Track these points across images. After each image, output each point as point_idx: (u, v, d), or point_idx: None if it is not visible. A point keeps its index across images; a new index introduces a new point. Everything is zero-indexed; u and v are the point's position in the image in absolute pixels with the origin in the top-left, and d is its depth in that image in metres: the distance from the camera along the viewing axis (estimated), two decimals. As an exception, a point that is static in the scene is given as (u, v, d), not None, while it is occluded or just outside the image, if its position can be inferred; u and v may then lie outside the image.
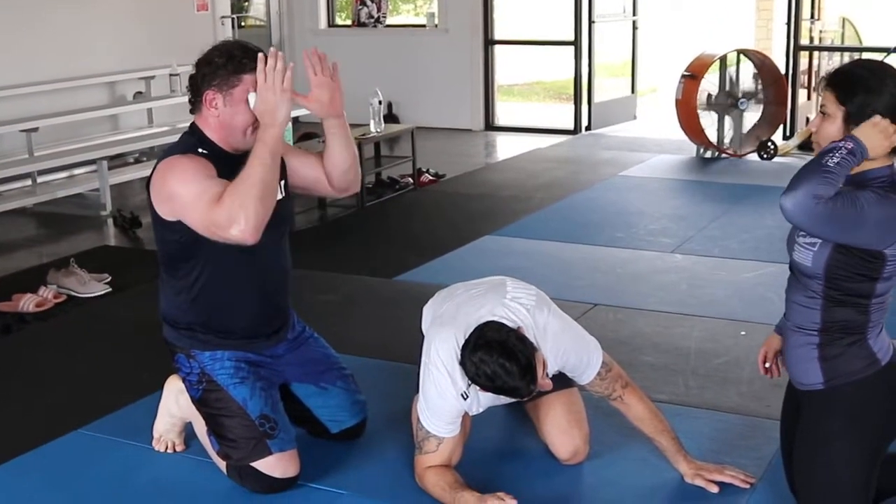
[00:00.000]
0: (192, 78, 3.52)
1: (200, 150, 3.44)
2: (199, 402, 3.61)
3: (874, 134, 2.84)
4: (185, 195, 3.33)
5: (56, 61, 9.46)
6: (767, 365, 3.35)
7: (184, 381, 3.65)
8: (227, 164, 3.42)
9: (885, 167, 2.93)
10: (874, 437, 3.00)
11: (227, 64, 3.42)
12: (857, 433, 2.97)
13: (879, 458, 3.02)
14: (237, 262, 3.49)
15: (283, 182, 3.59)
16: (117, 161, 9.21)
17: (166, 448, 3.87)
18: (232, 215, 3.23)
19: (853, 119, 2.89)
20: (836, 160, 2.80)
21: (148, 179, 3.49)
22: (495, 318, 3.27)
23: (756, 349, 4.67)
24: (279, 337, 3.73)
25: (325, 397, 3.81)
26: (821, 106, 2.99)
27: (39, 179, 8.63)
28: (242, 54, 3.45)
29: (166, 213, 3.42)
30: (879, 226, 2.83)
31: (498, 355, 3.13)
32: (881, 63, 3.05)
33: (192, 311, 3.58)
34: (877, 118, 2.84)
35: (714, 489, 3.46)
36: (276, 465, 3.51)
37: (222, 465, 3.62)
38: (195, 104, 3.50)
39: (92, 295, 5.87)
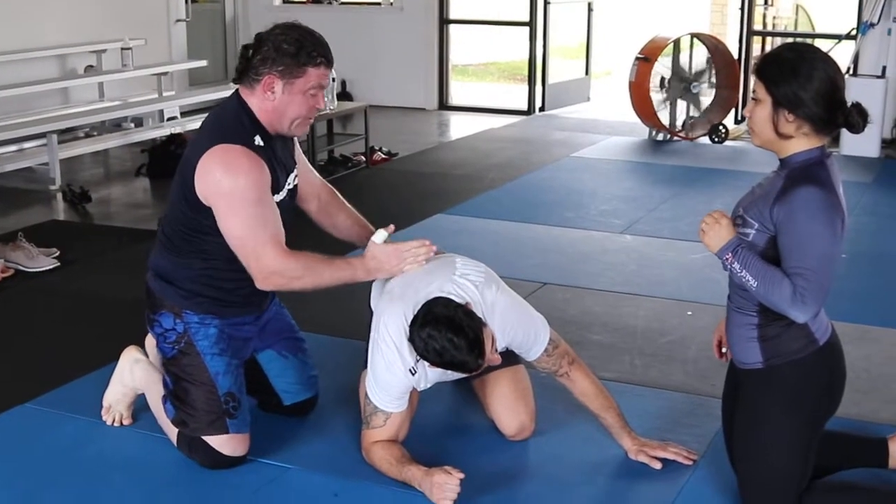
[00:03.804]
0: (252, 53, 3.44)
1: (257, 139, 3.41)
2: (170, 362, 3.58)
3: (720, 230, 2.98)
4: (244, 210, 3.32)
5: (5, 33, 9.35)
6: (724, 350, 3.37)
7: (159, 336, 3.59)
8: (271, 149, 3.45)
9: (814, 149, 2.98)
10: (811, 416, 3.05)
11: (297, 54, 3.39)
12: (794, 412, 3.03)
13: (817, 436, 3.08)
14: None
15: (294, 176, 3.64)
16: (68, 135, 9.12)
17: (114, 421, 3.86)
18: (278, 275, 3.36)
19: (782, 105, 2.93)
20: (736, 265, 2.94)
21: (191, 151, 3.42)
22: (444, 294, 3.29)
23: (702, 329, 4.80)
24: (265, 305, 3.76)
25: (284, 366, 3.83)
26: (752, 91, 3.04)
27: (-12, 153, 8.53)
28: (313, 46, 3.43)
29: (204, 196, 3.37)
30: (829, 236, 2.88)
31: (446, 330, 3.15)
32: (810, 46, 3.09)
33: (193, 280, 3.54)
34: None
35: (657, 465, 3.51)
36: (227, 443, 3.52)
37: (173, 434, 3.62)
38: (247, 79, 3.45)
39: (40, 269, 5.82)
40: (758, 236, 2.97)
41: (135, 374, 3.80)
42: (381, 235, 3.53)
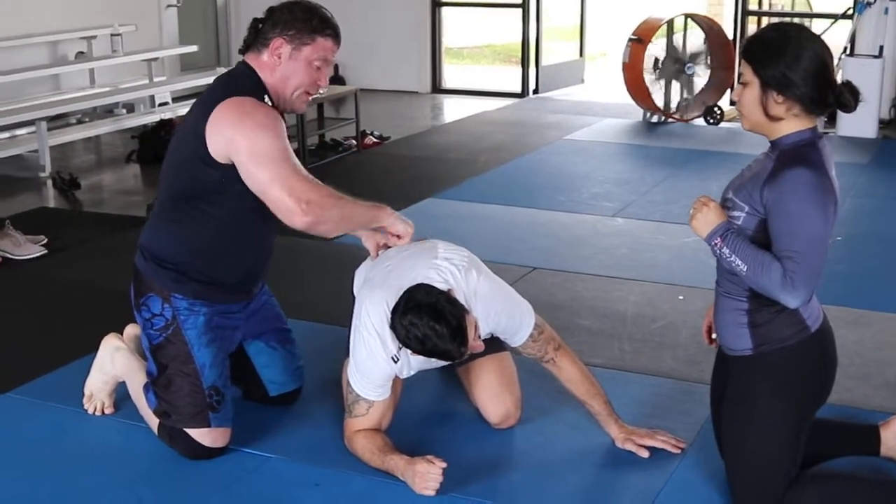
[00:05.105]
0: (261, 21, 3.45)
1: (266, 99, 3.38)
2: (155, 349, 3.51)
3: (709, 214, 2.95)
4: (267, 148, 3.25)
5: (-5, 19, 9.30)
6: (714, 336, 3.31)
7: (145, 322, 3.52)
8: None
9: (805, 130, 2.92)
10: (801, 404, 3.00)
11: (308, 20, 3.39)
12: (783, 399, 2.98)
13: (806, 424, 3.03)
14: (252, 217, 3.43)
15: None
16: (58, 122, 9.07)
17: (95, 410, 3.81)
18: (316, 204, 3.26)
19: (770, 87, 2.88)
20: (726, 250, 2.90)
21: (199, 110, 3.37)
22: (426, 281, 3.24)
23: (693, 314, 4.75)
24: (254, 292, 3.71)
25: (272, 357, 3.79)
26: (739, 74, 2.98)
27: (-23, 140, 8.47)
28: (326, 21, 3.43)
29: (219, 150, 3.30)
30: (820, 218, 2.83)
31: (428, 318, 3.10)
32: (796, 25, 3.03)
33: (191, 252, 3.46)
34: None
35: (644, 454, 3.47)
36: (207, 435, 3.48)
37: (154, 424, 3.58)
38: (255, 45, 3.43)
39: (27, 257, 5.77)
40: (747, 219, 2.92)
41: (115, 362, 3.75)
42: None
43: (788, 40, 2.87)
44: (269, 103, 3.39)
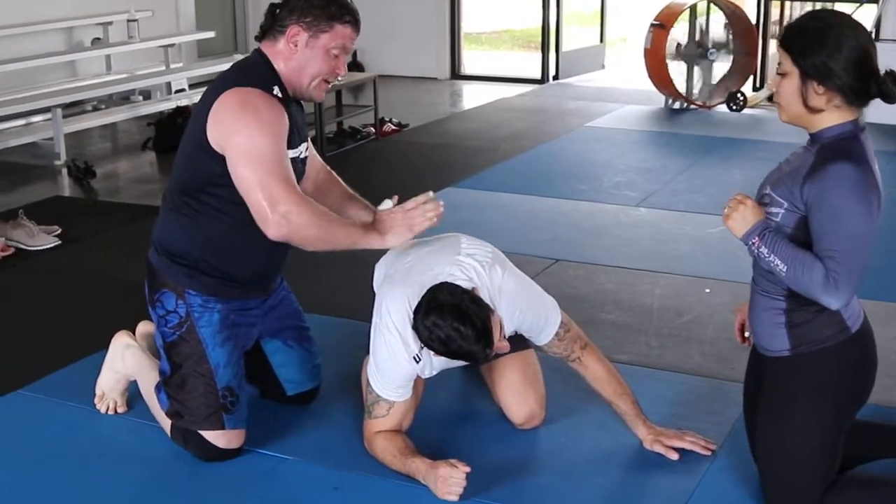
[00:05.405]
0: (278, 7, 3.33)
1: (276, 90, 3.27)
2: (169, 347, 3.40)
3: (745, 212, 2.81)
4: (260, 147, 3.14)
5: (11, 6, 9.19)
6: (747, 334, 3.20)
7: (160, 319, 3.42)
8: (288, 106, 3.30)
9: (846, 123, 2.80)
10: (840, 406, 2.89)
11: (326, 6, 3.27)
12: (822, 402, 2.87)
13: (845, 426, 2.92)
14: None
15: (306, 146, 3.48)
16: (75, 109, 8.98)
17: (107, 409, 3.72)
18: (294, 218, 3.12)
19: (810, 77, 2.75)
20: (764, 249, 2.78)
21: (207, 97, 3.28)
22: (449, 278, 3.13)
23: (720, 307, 4.64)
24: (271, 288, 3.61)
25: (289, 355, 3.69)
26: (778, 64, 2.85)
27: (-7, 128, 8.39)
28: (344, 7, 3.31)
29: (216, 140, 3.20)
30: (864, 214, 2.71)
31: (452, 319, 2.99)
32: (837, 13, 2.90)
33: (205, 246, 3.35)
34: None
35: (674, 456, 3.35)
36: (222, 437, 3.38)
37: (166, 425, 3.48)
38: (270, 32, 3.32)
39: (41, 248, 5.69)
40: (787, 216, 2.80)
41: (126, 361, 3.66)
42: (386, 204, 3.39)
43: (829, 28, 2.75)
44: (280, 95, 3.27)
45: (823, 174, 2.71)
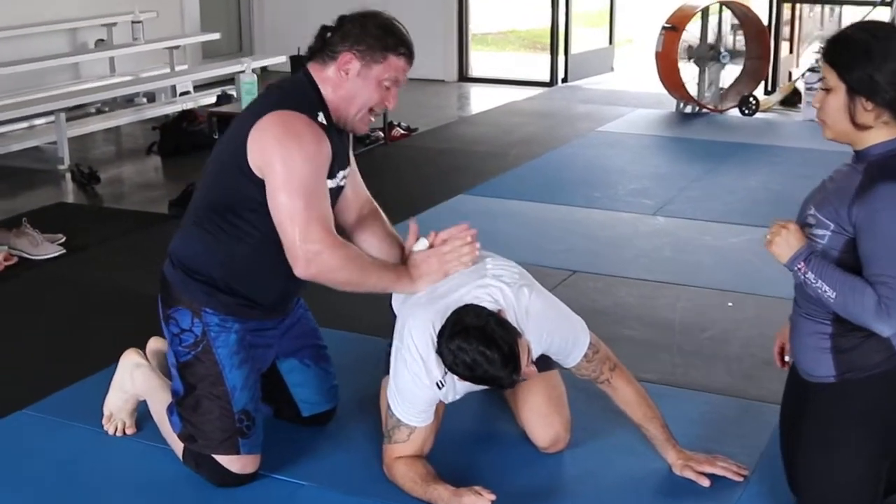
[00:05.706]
0: (329, 29, 3.21)
1: (320, 117, 3.14)
2: (183, 367, 3.27)
3: (789, 237, 2.71)
4: (303, 179, 3.04)
5: (13, 7, 9.07)
6: (787, 359, 3.08)
7: (174, 337, 3.29)
8: (331, 134, 3.16)
9: (892, 140, 2.68)
10: (887, 436, 2.76)
11: (383, 36, 3.17)
12: (870, 430, 2.75)
13: (891, 455, 2.80)
14: None
15: (344, 174, 3.34)
16: (78, 112, 8.84)
17: (116, 430, 3.60)
18: (325, 260, 3.06)
19: (858, 92, 2.63)
20: (811, 275, 2.67)
21: (250, 114, 3.16)
22: (474, 301, 3.00)
23: (744, 323, 4.52)
24: (290, 309, 3.50)
25: (306, 375, 3.57)
26: (822, 79, 2.73)
27: (-5, 131, 8.26)
28: (400, 39, 3.22)
29: (257, 165, 3.08)
30: None
31: (478, 343, 2.86)
32: (883, 24, 2.79)
33: (223, 267, 3.23)
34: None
35: (705, 483, 3.22)
36: (236, 462, 3.25)
37: (178, 448, 3.35)
38: (321, 55, 3.19)
39: (45, 257, 5.57)
40: (834, 238, 2.68)
41: (135, 380, 3.53)
42: (422, 243, 3.28)
43: (875, 40, 2.63)
44: (325, 122, 3.15)
45: (872, 195, 2.59)
